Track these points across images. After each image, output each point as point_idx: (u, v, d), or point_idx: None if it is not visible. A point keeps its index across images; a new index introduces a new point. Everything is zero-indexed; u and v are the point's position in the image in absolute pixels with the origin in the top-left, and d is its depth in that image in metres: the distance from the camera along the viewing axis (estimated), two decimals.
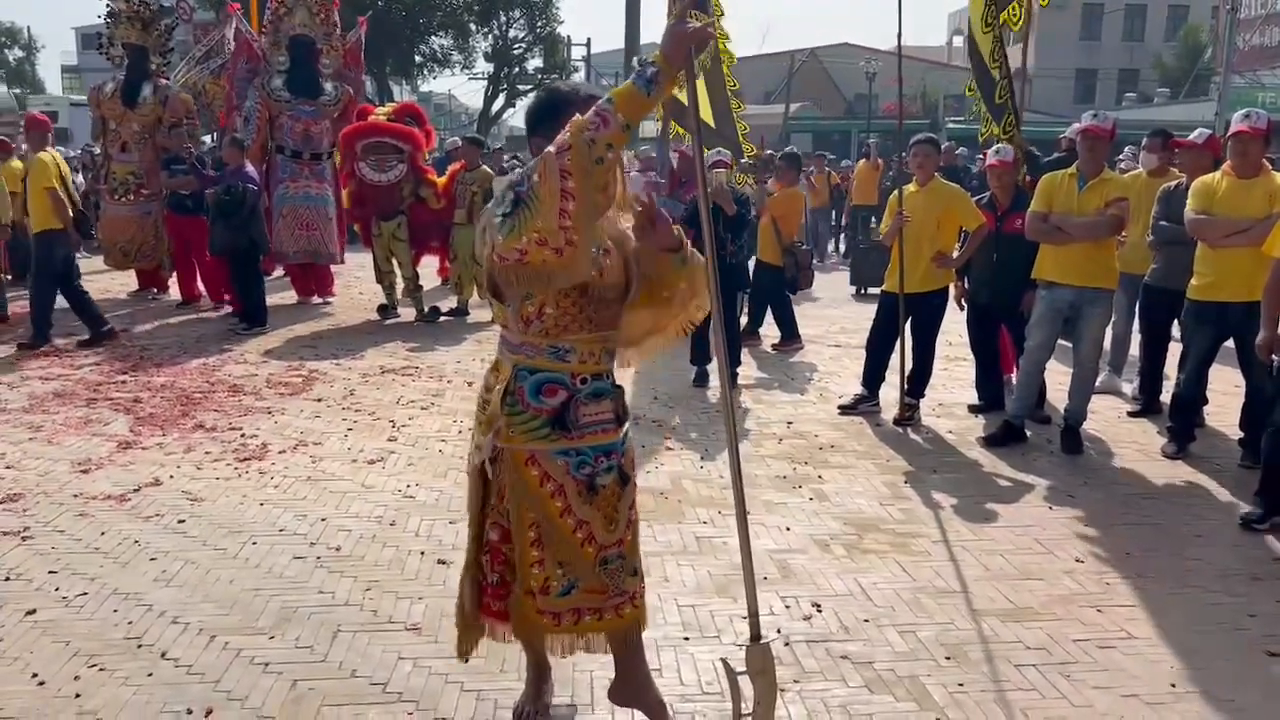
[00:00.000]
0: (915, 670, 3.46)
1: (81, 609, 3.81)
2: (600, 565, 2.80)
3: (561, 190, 2.39)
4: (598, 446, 2.76)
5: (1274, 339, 4.76)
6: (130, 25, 10.97)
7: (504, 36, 38.48)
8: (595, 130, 2.40)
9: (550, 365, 2.72)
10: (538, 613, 2.83)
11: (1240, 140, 5.43)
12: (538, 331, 2.71)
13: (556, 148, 2.42)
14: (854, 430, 6.41)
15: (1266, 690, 3.37)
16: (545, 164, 2.42)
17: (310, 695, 3.24)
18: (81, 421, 6.24)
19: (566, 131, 2.43)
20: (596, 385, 2.77)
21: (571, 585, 2.80)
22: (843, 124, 40.65)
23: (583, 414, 2.74)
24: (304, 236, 10.53)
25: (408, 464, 5.57)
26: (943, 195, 6.42)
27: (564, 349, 2.72)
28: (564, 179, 2.40)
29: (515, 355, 2.77)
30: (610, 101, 2.44)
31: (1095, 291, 5.79)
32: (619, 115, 2.42)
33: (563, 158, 2.40)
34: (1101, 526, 4.82)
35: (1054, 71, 40.19)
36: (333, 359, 8.20)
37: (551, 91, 2.82)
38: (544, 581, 2.80)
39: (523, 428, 2.73)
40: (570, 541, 2.77)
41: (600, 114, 2.42)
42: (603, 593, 2.83)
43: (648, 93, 2.44)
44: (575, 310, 2.68)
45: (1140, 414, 6.75)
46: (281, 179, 10.62)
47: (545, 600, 2.81)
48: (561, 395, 2.72)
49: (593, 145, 2.40)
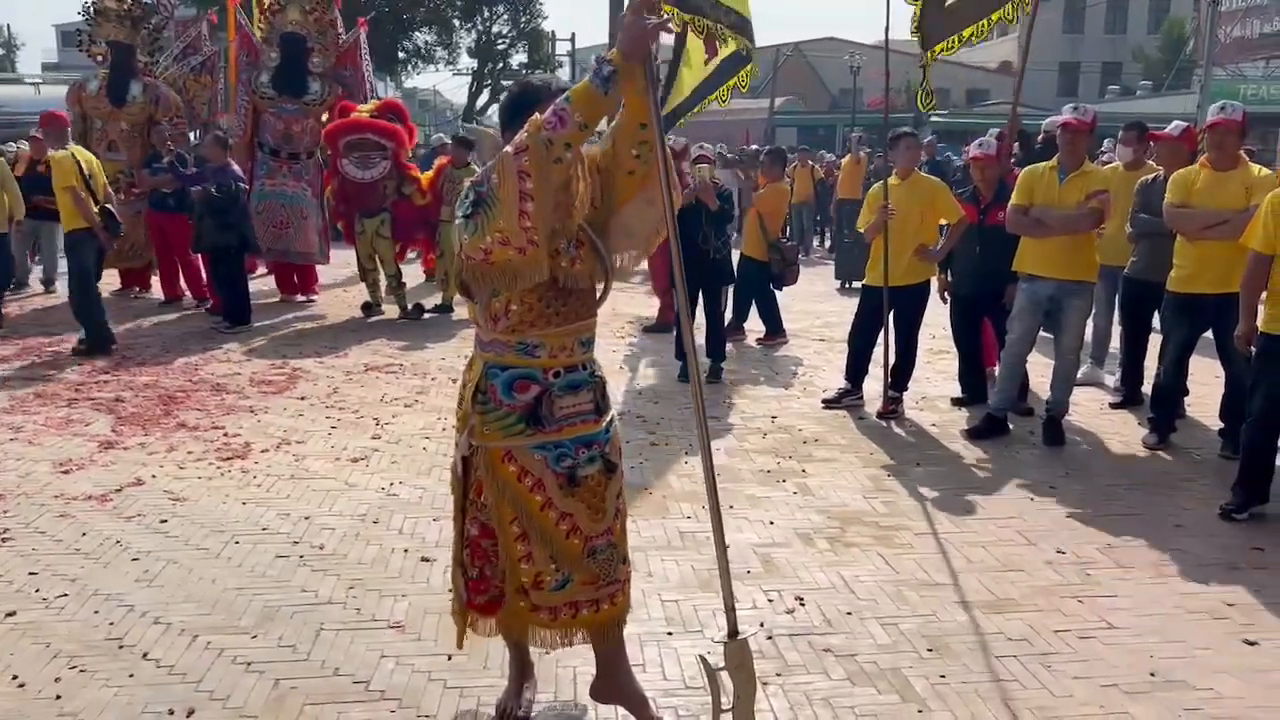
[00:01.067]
0: (898, 662, 3.47)
1: (62, 610, 3.79)
2: (589, 556, 2.80)
3: (520, 191, 2.40)
4: (579, 438, 2.76)
5: (1252, 330, 4.80)
6: (119, 24, 10.88)
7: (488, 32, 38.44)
8: (552, 130, 2.41)
9: (520, 361, 2.72)
10: (532, 610, 2.83)
11: (1217, 132, 5.46)
12: (505, 328, 2.70)
13: (514, 148, 2.42)
14: (838, 424, 6.43)
15: (1245, 679, 3.39)
16: (503, 165, 2.42)
17: (293, 694, 3.23)
18: (62, 421, 6.21)
19: (524, 131, 2.43)
20: (571, 377, 2.76)
21: (567, 579, 2.80)
22: (828, 118, 40.69)
23: (559, 407, 2.73)
24: (275, 234, 10.49)
25: (391, 462, 5.56)
26: (924, 188, 6.44)
27: (532, 344, 2.71)
28: (522, 180, 2.40)
29: (486, 353, 2.77)
30: (568, 100, 2.43)
31: (1076, 284, 5.82)
32: (576, 115, 2.42)
33: (520, 158, 2.40)
34: (1083, 517, 4.85)
35: (1038, 65, 40.28)
36: (316, 357, 8.17)
37: (524, 86, 2.80)
38: (535, 577, 2.79)
39: (497, 425, 2.73)
40: (555, 535, 2.77)
41: (558, 113, 2.42)
42: (594, 583, 2.82)
43: (605, 91, 2.44)
44: (541, 306, 2.67)
45: (1121, 405, 6.79)
46: (259, 175, 10.58)
47: (540, 596, 2.81)
48: (534, 390, 2.72)
49: (550, 145, 2.41)
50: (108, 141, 10.80)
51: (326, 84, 10.87)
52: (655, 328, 9.27)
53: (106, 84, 10.82)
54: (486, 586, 2.92)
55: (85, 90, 10.94)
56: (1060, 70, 44.37)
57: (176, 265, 10.54)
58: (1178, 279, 5.63)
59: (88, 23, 11.08)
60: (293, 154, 10.64)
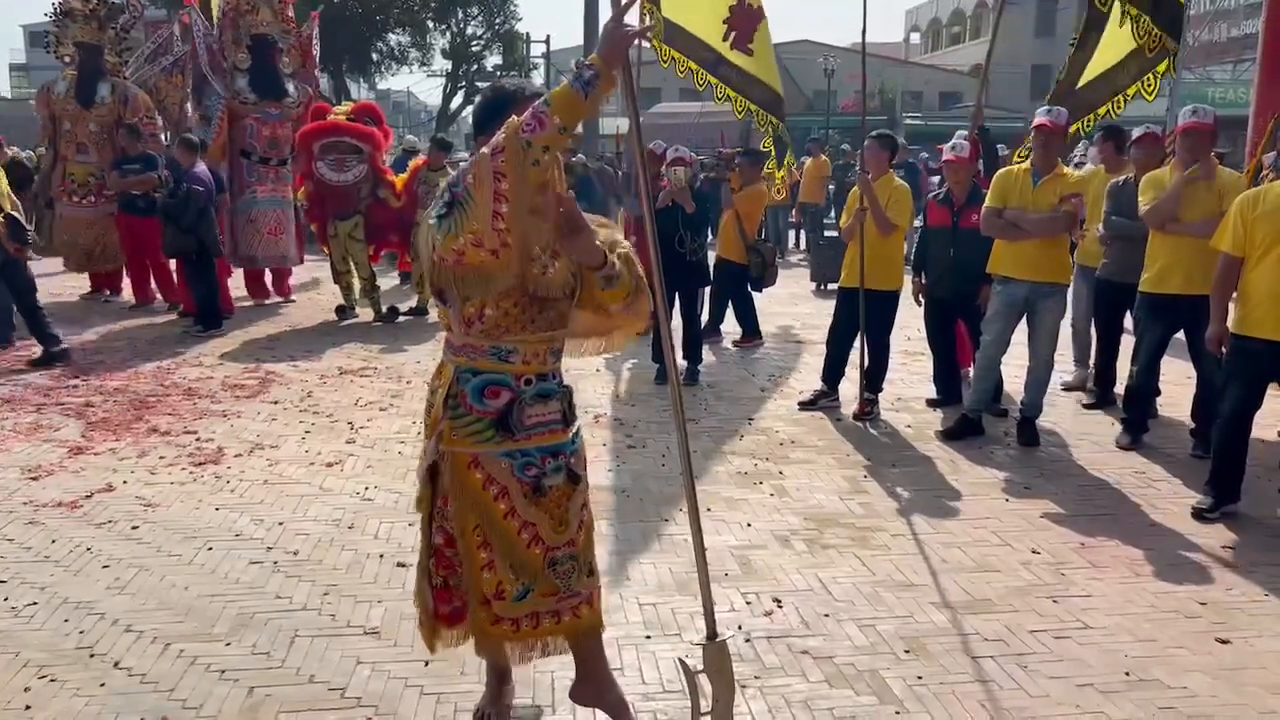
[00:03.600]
0: (875, 664, 3.48)
1: (31, 619, 3.73)
2: (549, 566, 2.78)
3: (495, 192, 2.39)
4: (545, 447, 2.74)
5: (1223, 332, 4.85)
6: (86, 24, 10.75)
7: (462, 34, 38.32)
8: (531, 132, 2.40)
9: (493, 367, 2.70)
10: (494, 622, 2.80)
11: (1190, 135, 5.51)
12: (479, 333, 2.68)
13: (491, 149, 2.42)
14: (814, 426, 6.44)
15: (1218, 676, 3.42)
16: (480, 166, 2.41)
17: (267, 702, 3.20)
18: (31, 427, 6.12)
19: (502, 133, 2.42)
20: (542, 386, 2.75)
21: (527, 589, 2.78)
22: (803, 120, 40.81)
23: (528, 415, 2.72)
24: (271, 241, 10.44)
25: (366, 466, 5.52)
26: (886, 190, 6.46)
27: (506, 350, 2.69)
28: (498, 180, 2.40)
29: (457, 358, 2.74)
30: (547, 104, 2.43)
31: (1050, 286, 5.85)
32: (555, 118, 2.41)
33: (496, 159, 2.39)
34: (1058, 518, 4.88)
35: (1010, 67, 40.66)
36: (290, 361, 8.11)
37: (497, 90, 2.78)
38: (497, 587, 2.77)
39: (465, 430, 2.71)
40: (516, 544, 2.75)
41: (536, 116, 2.41)
42: (554, 594, 2.81)
43: (585, 95, 2.43)
44: (517, 311, 2.66)
45: (1095, 406, 6.85)
46: (249, 183, 10.50)
47: (501, 606, 2.79)
48: (505, 397, 2.70)
49: (529, 148, 2.40)
50: (77, 143, 10.68)
51: (299, 85, 10.83)
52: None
53: (75, 85, 10.69)
54: (451, 596, 2.92)
55: (54, 92, 10.80)
56: (1032, 72, 44.74)
57: (147, 268, 10.43)
58: (1150, 280, 5.68)
59: (55, 23, 10.94)
60: (281, 160, 10.60)
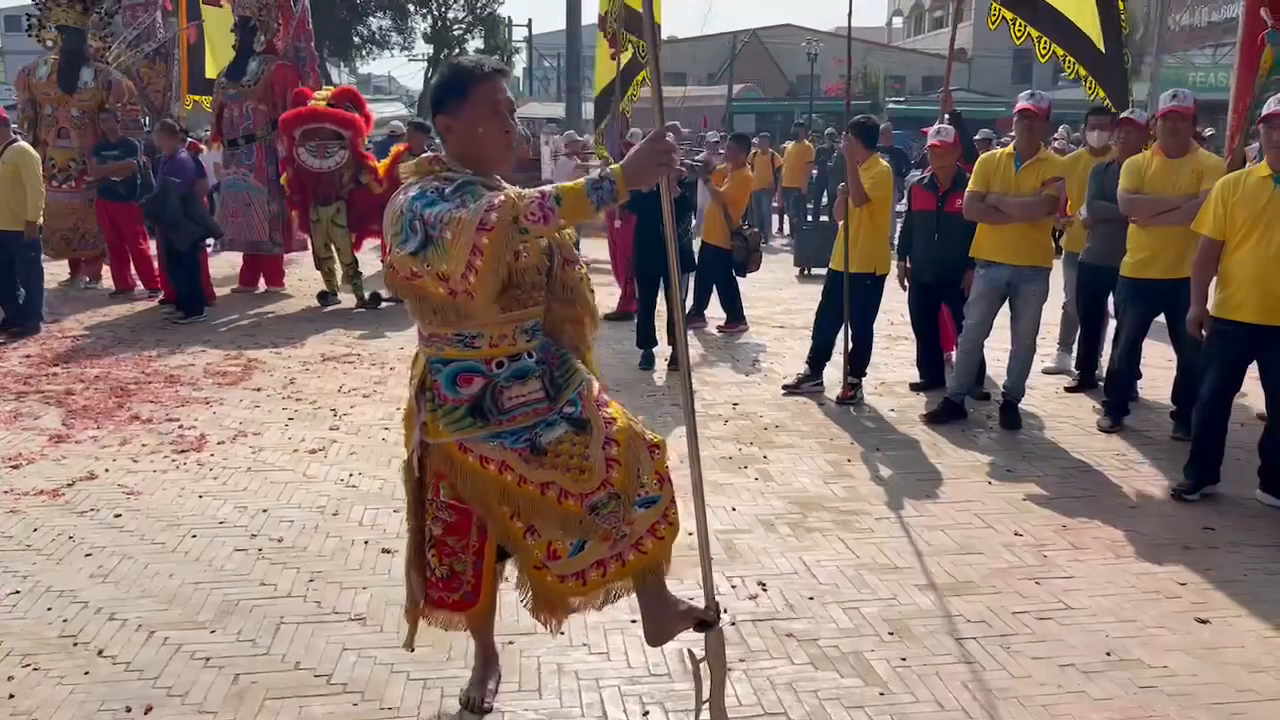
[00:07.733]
0: (859, 646, 3.50)
1: (14, 608, 3.72)
2: (591, 513, 2.68)
3: (474, 246, 2.31)
4: (529, 427, 2.68)
5: (1203, 315, 4.89)
6: (69, 8, 10.61)
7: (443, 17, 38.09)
8: (532, 221, 2.34)
9: (461, 354, 2.65)
10: (560, 581, 2.72)
11: (1170, 119, 5.54)
12: (440, 323, 2.61)
13: (480, 223, 2.31)
14: (798, 410, 6.46)
15: (1198, 656, 3.46)
16: (462, 228, 2.32)
17: (253, 689, 3.20)
18: (11, 415, 6.08)
19: (494, 211, 2.31)
20: (516, 366, 2.69)
21: (582, 542, 2.71)
22: (786, 105, 40.80)
23: (507, 398, 2.66)
24: (236, 225, 10.37)
25: (350, 453, 5.51)
26: (870, 173, 6.46)
27: (470, 335, 2.63)
28: (479, 235, 2.31)
29: (427, 348, 2.70)
30: (558, 202, 2.34)
31: (1032, 270, 5.88)
32: (561, 220, 2.36)
33: (481, 235, 2.31)
34: (1040, 500, 4.92)
35: (991, 52, 40.69)
36: (272, 347, 8.07)
37: (455, 68, 2.66)
38: (548, 549, 2.70)
39: (445, 420, 2.67)
40: (545, 503, 2.66)
41: (544, 210, 2.34)
42: (608, 539, 2.73)
43: (596, 206, 2.37)
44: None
45: (1077, 389, 6.89)
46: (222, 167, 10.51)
47: (559, 565, 2.71)
48: (478, 383, 2.65)
49: (524, 234, 2.36)
50: (58, 129, 10.56)
51: (261, 62, 10.35)
52: (615, 316, 9.24)
53: (57, 70, 10.56)
54: (459, 584, 2.85)
55: (34, 76, 10.67)
56: (1014, 57, 44.80)
57: (128, 255, 10.34)
58: (1131, 264, 5.71)
59: (38, 6, 10.79)
60: (233, 141, 10.48)
